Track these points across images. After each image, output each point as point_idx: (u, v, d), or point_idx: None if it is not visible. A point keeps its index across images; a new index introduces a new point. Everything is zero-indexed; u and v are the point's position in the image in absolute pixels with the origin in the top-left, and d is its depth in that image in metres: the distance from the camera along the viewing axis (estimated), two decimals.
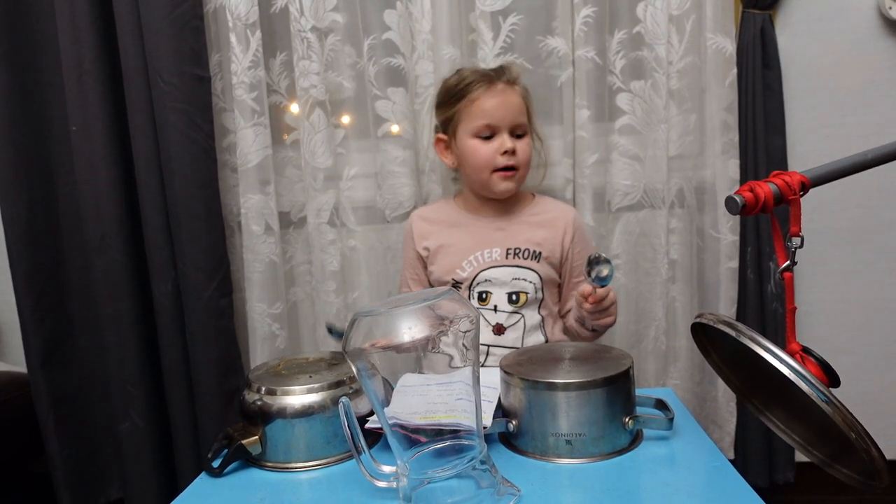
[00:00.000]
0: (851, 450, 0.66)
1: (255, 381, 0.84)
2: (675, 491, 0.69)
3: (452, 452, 0.68)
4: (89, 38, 1.27)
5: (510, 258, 1.16)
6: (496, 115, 1.13)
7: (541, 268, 1.16)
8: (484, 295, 1.16)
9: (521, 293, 1.15)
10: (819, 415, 0.63)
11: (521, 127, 1.16)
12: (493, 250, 1.16)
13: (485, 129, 1.14)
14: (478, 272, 1.16)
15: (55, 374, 1.38)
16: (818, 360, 0.71)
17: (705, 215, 1.35)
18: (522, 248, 1.16)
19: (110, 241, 1.32)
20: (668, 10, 1.25)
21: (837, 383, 0.71)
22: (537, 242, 1.17)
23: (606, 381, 0.76)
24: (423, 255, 1.21)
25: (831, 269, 1.41)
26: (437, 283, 1.19)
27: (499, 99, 1.14)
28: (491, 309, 1.15)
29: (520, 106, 1.16)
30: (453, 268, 1.17)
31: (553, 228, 1.19)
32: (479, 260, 1.16)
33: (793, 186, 0.72)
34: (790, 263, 0.75)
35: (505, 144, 1.13)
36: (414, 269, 1.24)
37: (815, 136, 1.36)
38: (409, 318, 0.66)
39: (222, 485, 0.79)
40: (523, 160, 1.15)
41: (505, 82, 1.15)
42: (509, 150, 1.13)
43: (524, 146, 1.16)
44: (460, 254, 1.17)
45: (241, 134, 1.31)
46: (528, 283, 1.15)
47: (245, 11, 1.27)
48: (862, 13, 1.34)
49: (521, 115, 1.15)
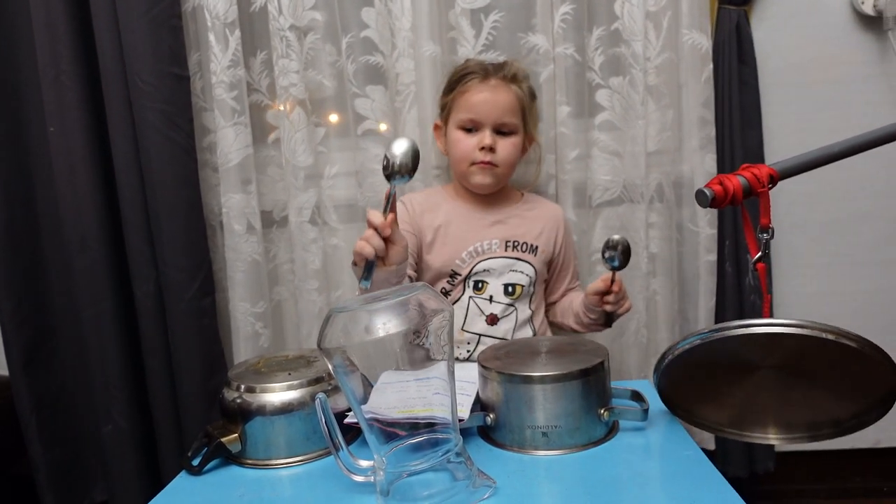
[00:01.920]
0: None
1: (235, 379, 0.85)
2: (649, 480, 0.70)
3: (429, 446, 0.69)
4: (66, 37, 1.25)
5: (509, 250, 1.18)
6: (481, 110, 1.14)
7: (536, 261, 1.18)
8: (480, 284, 1.17)
9: (516, 285, 1.17)
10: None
11: (507, 125, 1.15)
12: (493, 241, 1.17)
13: (468, 122, 1.16)
14: (476, 263, 1.17)
15: (37, 376, 1.37)
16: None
17: (684, 209, 1.36)
18: (521, 241, 1.18)
19: (90, 241, 1.31)
20: (644, 7, 1.27)
21: None
22: (535, 236, 1.19)
23: (582, 373, 0.77)
24: (427, 233, 1.18)
25: (807, 262, 1.43)
26: (433, 272, 1.18)
27: (486, 94, 1.14)
28: (486, 299, 1.16)
29: (510, 104, 1.15)
30: (452, 258, 1.17)
31: (548, 224, 1.21)
32: (479, 250, 1.17)
33: (761, 179, 0.73)
34: (762, 254, 0.76)
35: (484, 140, 1.13)
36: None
37: (790, 130, 1.37)
38: (385, 314, 0.66)
39: (202, 482, 0.79)
40: (502, 159, 1.15)
41: (500, 78, 1.15)
42: (486, 147, 1.13)
43: (507, 145, 1.15)
44: (459, 244, 1.17)
45: (222, 133, 1.31)
46: (524, 275, 1.17)
47: (224, 10, 1.27)
48: (836, 9, 1.36)
49: (508, 113, 1.15)
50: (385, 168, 0.88)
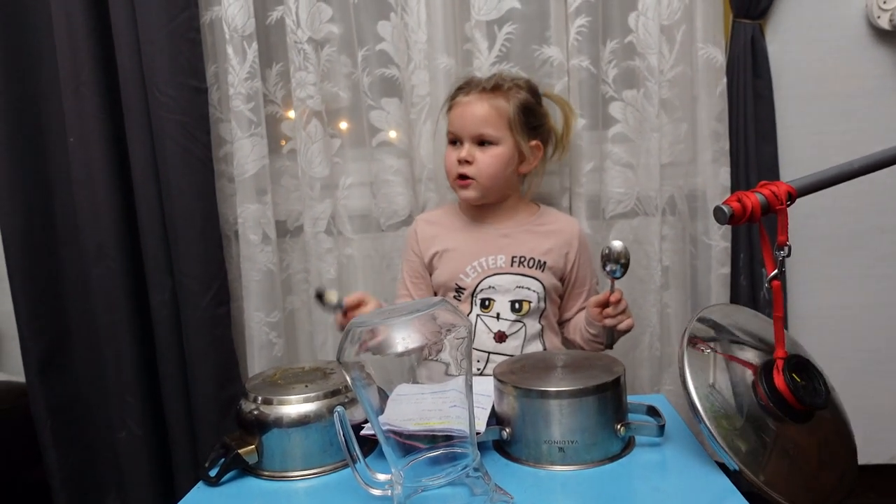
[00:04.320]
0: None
1: (252, 391, 0.85)
2: (666, 497, 0.70)
3: (446, 461, 0.69)
4: (86, 49, 1.28)
5: (515, 266, 1.16)
6: (457, 123, 1.16)
7: (545, 277, 1.16)
8: (487, 302, 1.16)
9: (524, 301, 1.16)
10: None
11: (486, 137, 1.14)
12: (498, 257, 1.17)
13: (451, 136, 1.18)
14: (482, 278, 1.16)
15: (53, 383, 1.38)
16: (787, 381, 0.72)
17: (697, 222, 1.36)
18: (528, 257, 1.17)
19: (107, 250, 1.33)
20: (659, 21, 1.27)
21: (816, 405, 0.72)
22: (543, 252, 1.17)
23: (598, 388, 0.77)
24: (427, 258, 1.21)
25: (825, 275, 1.42)
26: (441, 287, 1.19)
27: (463, 108, 1.16)
28: (493, 316, 1.16)
29: (486, 115, 1.13)
30: (457, 273, 1.17)
31: (559, 239, 1.19)
32: (484, 266, 1.16)
33: (780, 196, 0.73)
34: (778, 272, 0.76)
35: (460, 154, 1.15)
36: (414, 274, 1.23)
37: (805, 143, 1.37)
38: (404, 329, 0.67)
39: (219, 494, 0.79)
40: (478, 171, 1.14)
41: (479, 91, 1.15)
42: (461, 160, 1.14)
43: (484, 157, 1.14)
44: (464, 259, 1.17)
45: (238, 144, 1.32)
46: (531, 291, 1.16)
47: (241, 23, 1.29)
48: (851, 22, 1.36)
49: (484, 125, 1.13)
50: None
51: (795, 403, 0.72)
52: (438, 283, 1.19)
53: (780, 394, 0.72)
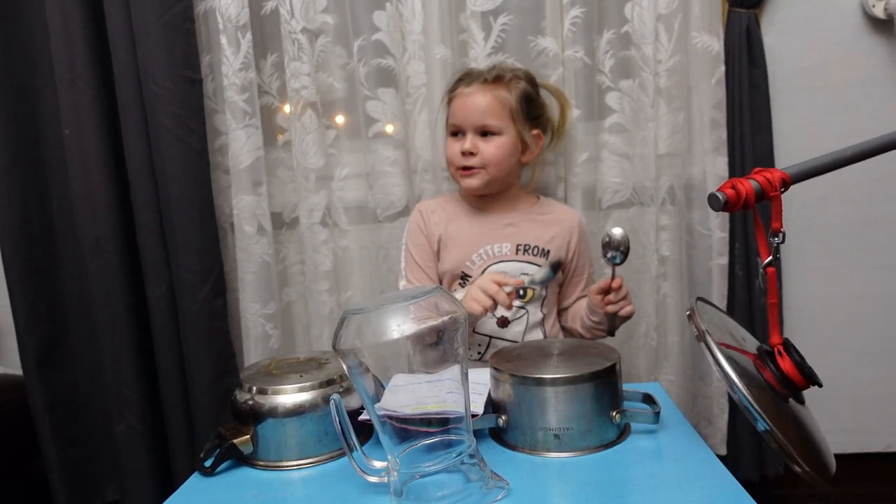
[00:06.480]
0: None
1: (247, 381, 0.85)
2: (661, 483, 0.70)
3: (442, 447, 0.70)
4: (81, 42, 1.27)
5: (520, 254, 1.18)
6: (459, 115, 1.17)
7: (547, 265, 1.17)
8: None
9: (528, 289, 1.17)
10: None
11: (489, 127, 1.15)
12: (504, 245, 1.18)
13: (454, 128, 1.18)
14: (487, 266, 1.17)
15: (50, 376, 1.38)
16: (796, 361, 0.72)
17: (694, 212, 1.36)
18: (532, 245, 1.18)
19: (104, 243, 1.33)
20: (655, 10, 1.27)
21: (813, 383, 0.72)
22: (546, 240, 1.19)
23: (593, 375, 0.77)
24: (435, 243, 1.21)
25: (819, 265, 1.43)
26: (446, 274, 1.20)
27: (464, 99, 1.16)
28: None
29: (489, 106, 1.14)
30: (463, 260, 1.18)
31: (561, 228, 1.21)
32: (490, 253, 1.18)
33: (773, 183, 0.73)
34: (772, 259, 0.76)
35: (464, 145, 1.15)
36: (427, 258, 1.21)
37: (801, 133, 1.37)
38: (399, 316, 0.67)
39: (215, 483, 0.80)
40: (485, 160, 1.15)
41: (481, 82, 1.16)
42: (465, 151, 1.15)
43: (489, 147, 1.15)
44: (470, 246, 1.18)
45: (233, 135, 1.32)
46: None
47: (235, 13, 1.28)
48: (846, 12, 1.35)
49: (487, 115, 1.14)
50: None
51: (803, 383, 0.72)
52: (444, 270, 1.20)
53: (787, 375, 0.72)
